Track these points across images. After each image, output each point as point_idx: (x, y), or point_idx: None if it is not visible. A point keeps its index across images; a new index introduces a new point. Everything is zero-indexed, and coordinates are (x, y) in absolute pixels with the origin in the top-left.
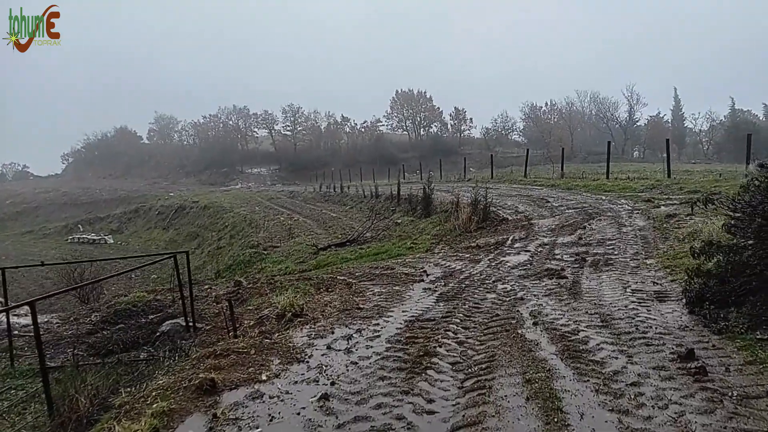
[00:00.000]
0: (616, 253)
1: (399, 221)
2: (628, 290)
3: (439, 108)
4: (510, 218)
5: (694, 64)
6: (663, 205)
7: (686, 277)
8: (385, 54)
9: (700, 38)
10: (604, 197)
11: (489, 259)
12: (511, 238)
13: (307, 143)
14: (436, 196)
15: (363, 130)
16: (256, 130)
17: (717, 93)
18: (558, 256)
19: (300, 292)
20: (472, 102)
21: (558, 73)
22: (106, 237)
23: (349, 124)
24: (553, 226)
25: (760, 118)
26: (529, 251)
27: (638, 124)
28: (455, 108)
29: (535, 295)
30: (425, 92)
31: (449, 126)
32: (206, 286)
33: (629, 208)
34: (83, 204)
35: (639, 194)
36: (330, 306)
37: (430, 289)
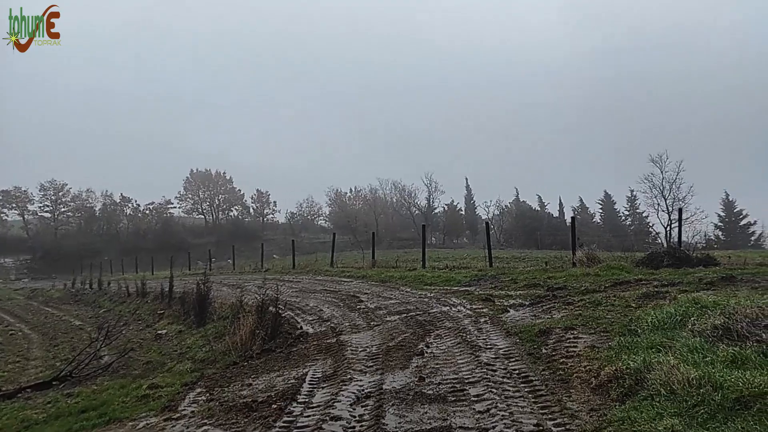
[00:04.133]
0: (501, 428)
1: (163, 332)
2: None
3: (240, 190)
4: (311, 332)
5: (482, 157)
6: (510, 307)
7: None
8: (181, 131)
9: (487, 133)
10: (428, 293)
11: None
12: (309, 376)
13: (75, 228)
14: (220, 293)
15: (148, 212)
16: (5, 211)
17: (502, 183)
18: None
19: None
20: (276, 185)
21: (363, 159)
22: None
23: (130, 205)
24: (374, 348)
25: (535, 208)
26: (339, 421)
27: (436, 211)
28: (258, 190)
29: None
30: (224, 173)
31: (251, 210)
32: None
33: (468, 311)
34: None
35: (468, 289)
36: None
37: None
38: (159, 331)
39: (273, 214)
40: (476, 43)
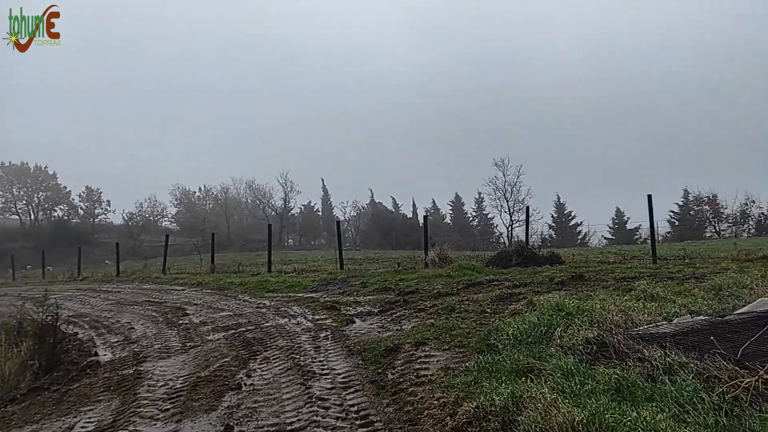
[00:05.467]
0: None
1: None
2: None
3: (66, 187)
4: (107, 359)
5: (338, 156)
6: (357, 316)
7: None
8: None
9: (342, 135)
10: (268, 302)
11: None
12: (76, 430)
13: None
14: (9, 310)
15: None
16: None
17: (359, 185)
18: None
19: None
20: (114, 183)
21: (215, 158)
22: None
23: None
24: (179, 381)
25: (390, 209)
26: None
27: (293, 212)
28: (87, 187)
29: None
30: (46, 167)
31: (80, 210)
32: None
33: (309, 324)
34: None
35: (313, 295)
36: None
37: None
38: None
39: (106, 214)
40: (328, 48)
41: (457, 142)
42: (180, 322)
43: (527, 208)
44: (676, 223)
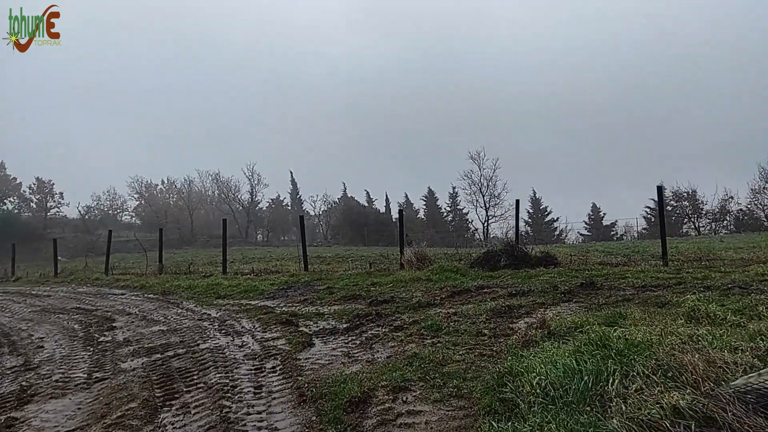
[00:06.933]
0: None
1: None
2: None
3: (15, 178)
4: None
5: (308, 151)
6: (317, 335)
7: None
8: None
9: (313, 129)
10: (215, 312)
11: None
12: None
13: None
14: None
15: None
16: None
17: (328, 180)
18: None
19: None
20: (71, 174)
21: (172, 152)
22: None
23: None
24: None
25: (363, 204)
26: None
27: (260, 206)
28: (37, 178)
29: None
30: None
31: (33, 203)
32: None
33: (256, 346)
34: None
35: (269, 304)
36: None
37: None
38: None
39: (58, 207)
40: (297, 42)
41: (429, 137)
42: (101, 339)
43: (517, 201)
44: (653, 219)
